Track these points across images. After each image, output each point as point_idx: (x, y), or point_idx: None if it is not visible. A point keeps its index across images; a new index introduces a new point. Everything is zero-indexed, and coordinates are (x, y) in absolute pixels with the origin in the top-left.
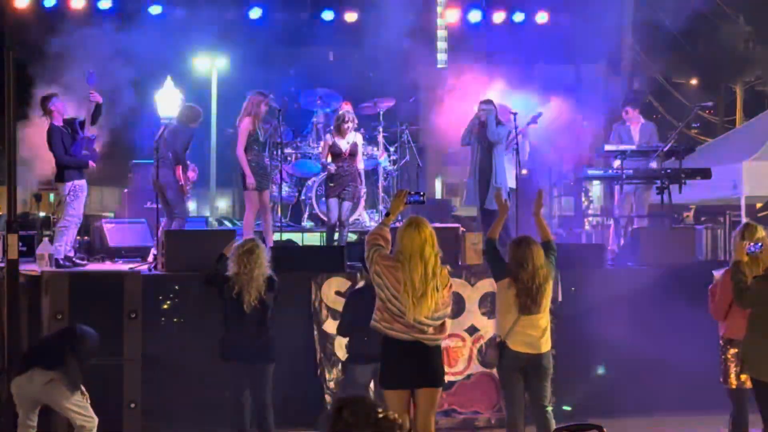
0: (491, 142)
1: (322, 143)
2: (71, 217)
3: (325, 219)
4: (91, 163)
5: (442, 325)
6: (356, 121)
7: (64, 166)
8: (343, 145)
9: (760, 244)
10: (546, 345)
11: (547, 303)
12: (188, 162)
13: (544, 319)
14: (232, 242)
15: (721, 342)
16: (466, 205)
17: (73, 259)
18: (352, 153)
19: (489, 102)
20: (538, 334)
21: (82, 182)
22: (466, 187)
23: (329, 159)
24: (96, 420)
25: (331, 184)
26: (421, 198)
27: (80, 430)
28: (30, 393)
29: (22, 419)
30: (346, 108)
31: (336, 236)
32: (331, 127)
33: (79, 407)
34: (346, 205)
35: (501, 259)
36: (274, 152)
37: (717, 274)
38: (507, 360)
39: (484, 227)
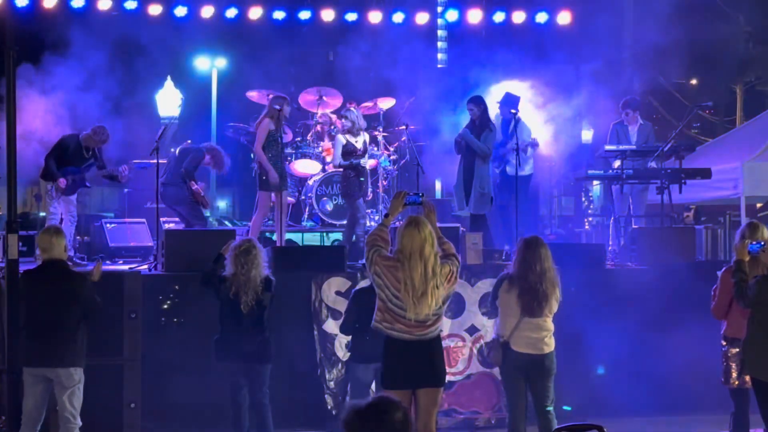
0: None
1: (323, 144)
2: (52, 216)
3: (325, 219)
4: (62, 181)
5: (439, 317)
6: (364, 122)
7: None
8: (359, 143)
9: (762, 242)
10: (549, 346)
11: (553, 307)
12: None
13: (548, 321)
14: (229, 242)
15: (723, 341)
16: (455, 212)
17: (73, 258)
18: (365, 151)
19: (473, 101)
20: (541, 335)
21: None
22: (454, 193)
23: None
24: (80, 424)
25: (362, 179)
26: (420, 199)
27: (65, 422)
28: (44, 371)
29: (30, 410)
30: (353, 108)
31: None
32: (339, 128)
33: (75, 397)
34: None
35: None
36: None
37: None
38: (510, 361)
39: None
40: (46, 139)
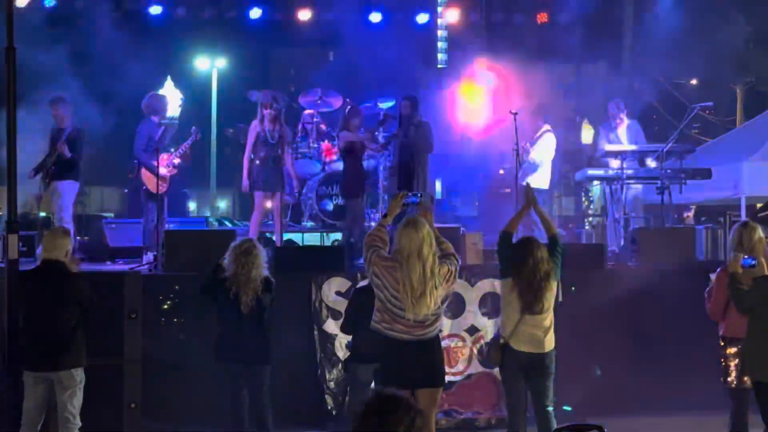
0: (415, 144)
1: (322, 144)
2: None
3: (324, 219)
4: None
5: (438, 317)
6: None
7: None
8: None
9: (754, 260)
10: (549, 344)
11: (550, 302)
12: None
13: (548, 318)
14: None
15: (721, 342)
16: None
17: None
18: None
19: (409, 99)
20: (541, 333)
21: None
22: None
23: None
24: (79, 425)
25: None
26: (418, 200)
27: (65, 422)
28: (45, 374)
29: (30, 410)
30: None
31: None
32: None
33: (76, 398)
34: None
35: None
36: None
37: (714, 277)
38: (510, 359)
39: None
40: None
